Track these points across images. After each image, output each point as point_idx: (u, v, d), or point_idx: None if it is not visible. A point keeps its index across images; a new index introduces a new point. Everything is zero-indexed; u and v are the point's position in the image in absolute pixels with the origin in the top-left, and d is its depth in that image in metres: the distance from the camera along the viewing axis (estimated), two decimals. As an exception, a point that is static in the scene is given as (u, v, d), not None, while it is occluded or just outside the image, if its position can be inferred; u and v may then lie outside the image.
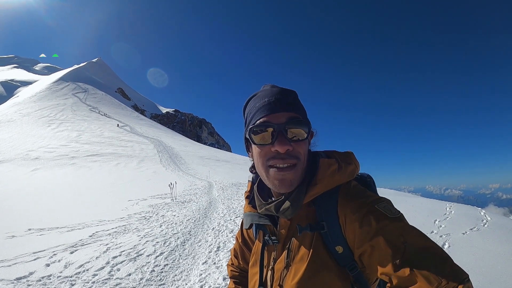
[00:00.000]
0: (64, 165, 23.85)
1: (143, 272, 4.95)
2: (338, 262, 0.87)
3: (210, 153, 42.93)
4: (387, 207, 0.84)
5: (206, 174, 22.74)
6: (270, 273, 1.01)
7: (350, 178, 0.95)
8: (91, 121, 57.16)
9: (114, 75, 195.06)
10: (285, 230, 0.99)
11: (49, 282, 4.53)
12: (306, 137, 0.92)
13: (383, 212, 0.82)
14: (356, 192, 0.91)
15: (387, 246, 0.76)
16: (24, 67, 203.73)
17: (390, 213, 0.82)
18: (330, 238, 0.88)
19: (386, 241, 0.77)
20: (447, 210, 9.18)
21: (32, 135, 40.34)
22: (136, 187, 16.07)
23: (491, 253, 5.30)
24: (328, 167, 0.92)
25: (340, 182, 0.93)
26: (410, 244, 0.74)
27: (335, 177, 0.92)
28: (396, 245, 0.75)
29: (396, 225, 0.79)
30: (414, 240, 0.76)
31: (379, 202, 0.86)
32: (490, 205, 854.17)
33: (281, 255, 0.98)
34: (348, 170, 0.94)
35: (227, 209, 10.35)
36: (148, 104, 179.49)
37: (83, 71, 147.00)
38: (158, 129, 71.70)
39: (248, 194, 1.15)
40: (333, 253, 0.88)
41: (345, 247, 0.87)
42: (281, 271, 0.96)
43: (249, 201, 1.13)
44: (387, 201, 0.87)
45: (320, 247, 0.89)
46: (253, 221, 1.07)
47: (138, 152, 32.20)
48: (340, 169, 0.93)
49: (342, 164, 0.94)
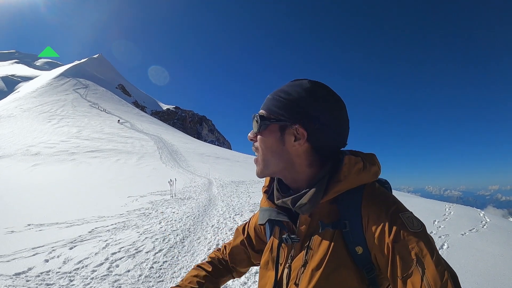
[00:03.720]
0: (64, 160, 23.86)
1: (142, 268, 4.96)
2: (356, 263, 0.85)
3: (210, 150, 42.89)
4: (410, 218, 0.82)
5: (206, 171, 22.71)
6: (286, 271, 0.97)
7: (374, 178, 0.93)
8: (92, 117, 57.16)
9: (115, 71, 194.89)
10: (305, 227, 0.95)
11: (48, 277, 4.54)
12: (259, 130, 0.96)
13: (405, 224, 0.80)
14: (381, 195, 0.89)
15: (399, 259, 0.77)
16: (25, 63, 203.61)
17: (411, 226, 0.80)
18: (351, 238, 0.86)
19: (400, 255, 0.77)
20: (447, 211, 9.19)
21: (32, 131, 40.37)
22: (135, 184, 16.07)
23: (490, 254, 5.31)
24: (353, 165, 0.89)
25: (365, 182, 0.91)
26: (420, 265, 0.74)
27: (360, 176, 0.89)
28: (407, 261, 0.76)
29: (413, 241, 0.77)
30: (426, 262, 0.74)
31: (404, 212, 0.84)
32: (489, 206, 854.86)
33: (299, 252, 0.95)
34: (372, 170, 0.92)
35: (226, 207, 10.35)
36: (148, 101, 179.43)
37: (84, 67, 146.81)
38: (159, 125, 71.65)
39: (266, 188, 1.12)
40: (352, 253, 0.86)
41: (364, 248, 0.85)
42: (299, 269, 0.92)
43: (268, 195, 1.09)
44: (412, 212, 0.85)
45: (340, 246, 0.87)
46: (271, 216, 1.02)
47: (138, 149, 32.19)
48: (365, 168, 0.90)
49: (367, 164, 0.91)
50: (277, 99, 0.94)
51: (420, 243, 0.77)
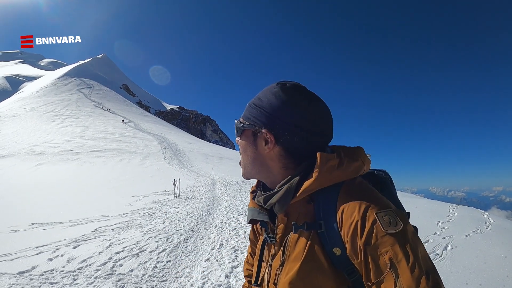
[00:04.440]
0: (68, 160, 23.98)
1: (145, 268, 4.97)
2: (335, 265, 0.81)
3: (214, 150, 42.96)
4: (388, 217, 0.75)
5: (209, 171, 22.76)
6: (267, 270, 0.97)
7: (353, 175, 0.86)
8: (96, 117, 57.39)
9: (119, 71, 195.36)
10: (282, 227, 0.93)
11: (52, 276, 4.56)
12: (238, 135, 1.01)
13: (380, 224, 0.73)
14: (359, 191, 0.83)
15: (372, 263, 0.72)
16: (29, 62, 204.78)
17: (386, 227, 0.72)
18: (327, 239, 0.82)
19: (372, 258, 0.72)
20: (450, 212, 9.15)
21: (36, 130, 40.61)
22: (139, 183, 16.12)
23: (494, 256, 5.28)
24: (325, 162, 0.84)
25: (340, 180, 0.85)
26: (395, 271, 0.68)
27: (333, 174, 0.84)
28: (380, 266, 0.71)
29: (387, 243, 0.71)
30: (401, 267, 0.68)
31: (381, 210, 0.76)
32: (493, 207, 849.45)
33: (278, 252, 0.93)
34: (352, 167, 0.86)
35: (230, 207, 10.37)
36: (152, 101, 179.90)
37: (88, 67, 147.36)
38: (162, 125, 71.80)
39: (253, 189, 1.10)
40: (330, 255, 0.81)
41: (343, 249, 0.79)
42: (277, 269, 0.91)
43: (254, 196, 1.07)
44: (392, 210, 0.77)
45: (316, 248, 0.83)
46: (253, 216, 1.01)
47: (142, 149, 32.29)
48: (341, 165, 0.84)
49: (344, 160, 0.85)
50: (251, 106, 0.98)
51: (395, 246, 0.70)
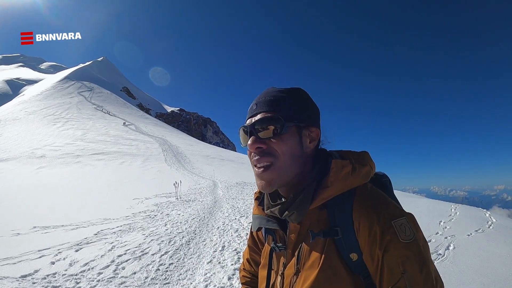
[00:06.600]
0: (69, 163, 23.95)
1: (148, 271, 4.98)
2: (351, 270, 0.83)
3: (215, 152, 42.92)
4: (403, 226, 0.80)
5: (210, 173, 22.74)
6: (279, 278, 0.96)
7: (364, 180, 0.89)
8: (96, 120, 57.35)
9: (120, 74, 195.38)
10: (295, 235, 0.93)
11: (54, 280, 4.57)
12: (278, 133, 0.88)
13: (397, 233, 0.79)
14: (374, 198, 0.86)
15: (387, 269, 0.78)
16: (30, 66, 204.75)
17: (403, 236, 0.78)
18: (344, 245, 0.84)
19: (388, 265, 0.78)
20: (452, 211, 9.13)
21: (37, 134, 40.56)
22: (141, 186, 16.10)
23: (496, 255, 5.27)
24: (341, 169, 0.86)
25: (354, 186, 0.87)
26: (407, 279, 0.76)
27: (348, 180, 0.86)
28: (394, 273, 0.77)
29: (403, 252, 0.77)
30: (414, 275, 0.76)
31: (397, 218, 0.81)
32: (495, 206, 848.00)
33: (291, 260, 0.93)
34: (363, 172, 0.89)
35: (231, 209, 10.38)
36: (153, 103, 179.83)
37: (89, 70, 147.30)
38: (163, 128, 71.77)
39: (258, 195, 1.10)
40: (346, 260, 0.84)
41: (359, 255, 0.83)
42: (291, 277, 0.91)
43: (259, 202, 1.07)
44: (407, 218, 0.83)
45: (333, 255, 0.85)
46: (261, 224, 1.01)
47: (143, 151, 32.26)
48: (354, 171, 0.87)
49: (356, 166, 0.88)
50: (279, 100, 0.92)
51: (409, 255, 0.77)
